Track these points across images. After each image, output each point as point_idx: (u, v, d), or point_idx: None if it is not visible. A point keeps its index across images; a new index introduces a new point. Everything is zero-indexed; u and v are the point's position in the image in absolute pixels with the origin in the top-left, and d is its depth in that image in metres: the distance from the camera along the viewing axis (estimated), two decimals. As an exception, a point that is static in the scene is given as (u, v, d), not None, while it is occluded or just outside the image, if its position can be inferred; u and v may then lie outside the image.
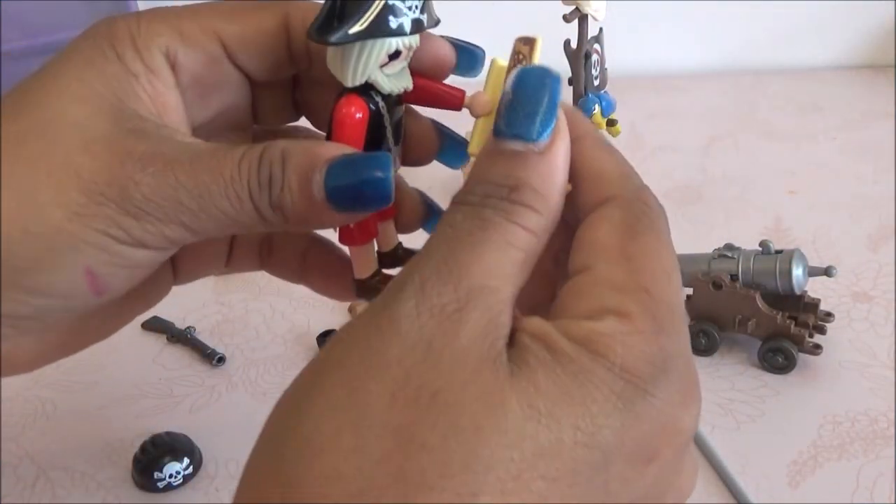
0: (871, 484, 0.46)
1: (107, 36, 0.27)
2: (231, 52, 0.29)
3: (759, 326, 0.53)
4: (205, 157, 0.26)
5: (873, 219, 0.70)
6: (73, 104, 0.26)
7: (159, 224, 0.26)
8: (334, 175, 0.26)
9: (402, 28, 0.27)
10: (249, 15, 0.29)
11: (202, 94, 0.30)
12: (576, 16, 0.57)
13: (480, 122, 0.31)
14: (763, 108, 0.91)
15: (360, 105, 0.28)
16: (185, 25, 0.28)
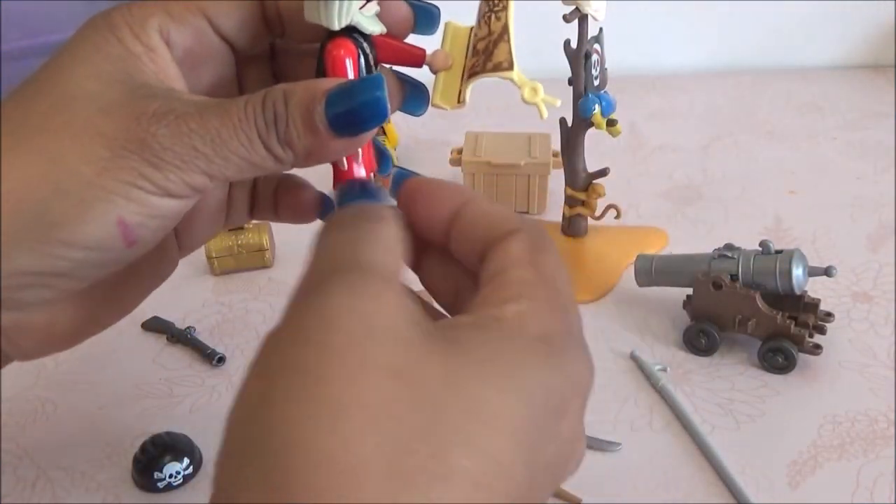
0: (871, 484, 0.46)
1: (105, 25, 0.29)
2: (215, 24, 0.32)
3: (759, 326, 0.53)
4: (212, 107, 0.28)
5: (873, 219, 0.70)
6: (87, 80, 0.28)
7: (179, 171, 0.27)
8: (333, 103, 0.28)
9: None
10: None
11: (193, 67, 0.32)
12: (576, 16, 0.57)
13: (441, 76, 0.34)
14: (763, 108, 0.91)
15: (349, 47, 0.30)
16: (171, 6, 0.31)
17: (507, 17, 0.33)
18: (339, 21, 0.29)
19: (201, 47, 0.32)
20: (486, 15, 0.34)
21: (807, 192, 0.74)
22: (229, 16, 0.32)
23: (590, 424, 0.50)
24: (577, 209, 0.65)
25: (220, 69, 0.33)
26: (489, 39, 0.33)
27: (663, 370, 0.54)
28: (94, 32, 0.29)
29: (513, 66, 0.32)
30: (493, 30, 0.33)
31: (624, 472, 0.47)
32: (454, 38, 0.35)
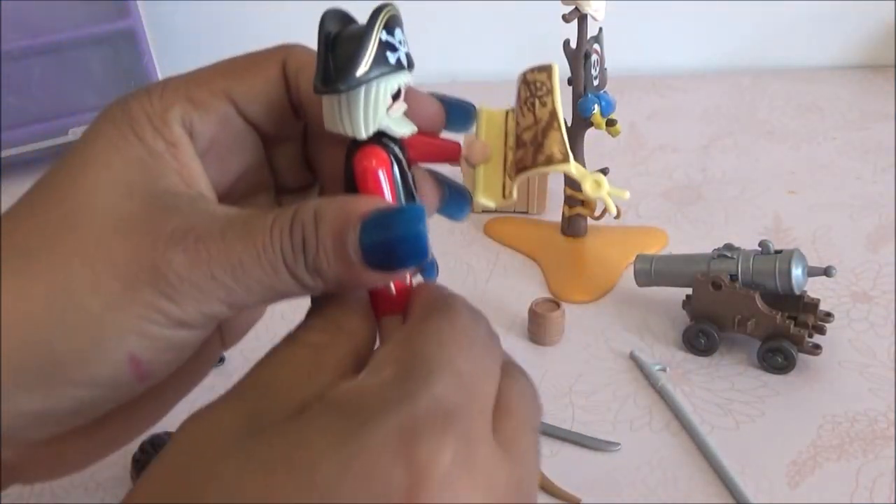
0: (871, 484, 0.46)
1: (124, 120, 0.27)
2: (241, 108, 0.29)
3: (759, 326, 0.53)
4: (237, 227, 0.25)
5: (873, 219, 0.70)
6: (102, 191, 0.26)
7: (196, 303, 0.25)
8: (369, 232, 0.25)
9: (400, 63, 0.27)
10: (253, 68, 0.30)
11: (220, 158, 0.29)
12: (575, 16, 0.57)
13: (480, 170, 0.31)
14: (763, 108, 0.91)
15: (381, 156, 0.27)
16: (194, 92, 0.28)
17: (554, 101, 0.30)
18: (365, 129, 0.26)
19: (227, 135, 0.29)
20: (527, 101, 0.31)
21: (806, 192, 0.74)
22: (256, 99, 0.29)
23: (589, 424, 0.50)
24: (576, 209, 0.65)
25: (248, 155, 0.31)
26: (536, 129, 0.30)
27: (663, 370, 0.54)
28: (112, 128, 0.27)
29: (567, 157, 0.29)
30: (540, 117, 0.30)
31: (623, 472, 0.47)
32: (489, 124, 0.31)
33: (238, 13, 1.00)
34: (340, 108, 0.26)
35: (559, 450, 0.49)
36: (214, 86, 0.29)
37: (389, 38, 0.26)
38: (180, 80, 0.29)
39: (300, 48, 0.30)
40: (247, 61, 0.30)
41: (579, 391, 0.53)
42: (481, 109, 0.32)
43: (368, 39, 0.26)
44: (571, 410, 0.51)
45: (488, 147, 0.31)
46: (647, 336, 0.57)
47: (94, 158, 0.27)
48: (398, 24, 0.27)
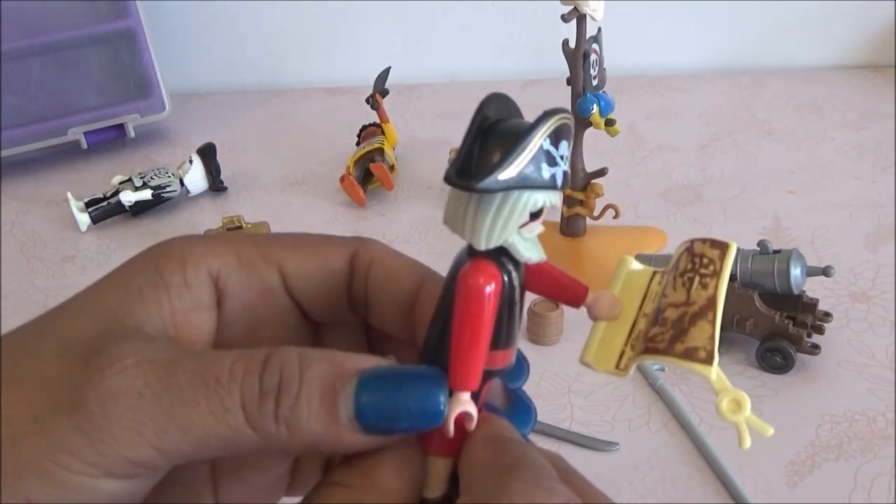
0: (870, 484, 0.46)
1: (158, 251, 0.26)
2: (290, 284, 0.26)
3: (758, 326, 0.53)
4: (189, 357, 0.22)
5: (872, 219, 0.70)
6: (72, 316, 0.24)
7: (116, 443, 0.21)
8: (369, 389, 0.22)
9: (554, 179, 0.22)
10: (315, 247, 0.27)
11: (253, 326, 0.27)
12: (574, 16, 0.57)
13: (601, 326, 0.27)
14: (762, 108, 0.91)
15: (492, 274, 0.23)
16: (245, 250, 0.26)
17: (718, 288, 0.24)
18: (486, 241, 0.22)
19: (266, 305, 0.26)
20: (685, 274, 0.26)
21: (805, 192, 0.74)
22: (310, 280, 0.26)
23: (588, 424, 0.50)
24: (575, 209, 0.65)
25: (286, 332, 0.27)
26: (686, 310, 0.25)
27: (661, 370, 0.54)
28: (142, 259, 0.25)
29: (712, 358, 0.24)
30: (694, 299, 0.25)
31: (622, 471, 0.47)
32: (629, 281, 0.27)
33: (238, 13, 1.00)
34: (468, 207, 0.22)
35: (557, 450, 0.49)
36: (268, 251, 0.26)
37: (552, 147, 0.22)
38: (238, 237, 0.27)
39: (379, 244, 0.27)
40: (314, 238, 0.28)
41: (578, 391, 0.53)
42: (624, 260, 0.27)
43: (528, 142, 0.21)
44: (570, 410, 0.51)
45: (619, 305, 0.26)
46: (646, 336, 0.57)
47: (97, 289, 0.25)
48: (567, 137, 0.23)
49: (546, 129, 0.22)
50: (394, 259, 0.27)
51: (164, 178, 0.76)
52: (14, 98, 0.83)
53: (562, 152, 0.23)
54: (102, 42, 0.85)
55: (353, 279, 0.27)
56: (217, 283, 0.26)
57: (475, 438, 0.24)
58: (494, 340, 0.24)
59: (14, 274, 0.69)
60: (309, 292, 0.26)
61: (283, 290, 0.26)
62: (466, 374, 0.23)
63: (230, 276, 0.26)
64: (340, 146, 0.84)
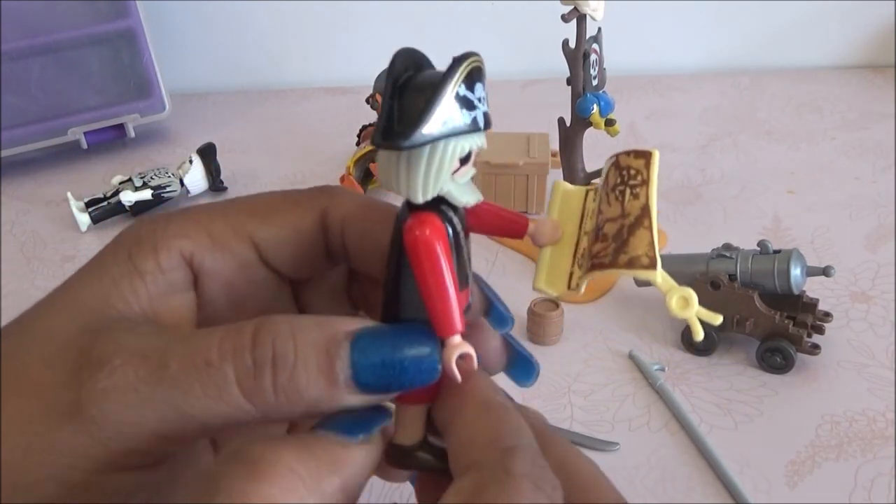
0: (870, 484, 0.46)
1: (129, 239, 0.26)
2: (264, 255, 0.27)
3: (758, 326, 0.53)
4: (176, 344, 0.22)
5: (872, 219, 0.70)
6: (52, 315, 0.24)
7: (123, 437, 0.21)
8: (363, 350, 0.22)
9: (476, 123, 0.23)
10: (285, 213, 0.27)
11: (234, 300, 0.27)
12: (574, 16, 0.57)
13: (546, 251, 0.27)
14: (762, 108, 0.91)
15: (435, 225, 0.23)
16: (216, 227, 0.26)
17: (649, 195, 0.26)
18: (423, 193, 0.23)
19: (245, 280, 0.27)
20: (616, 188, 0.26)
21: (805, 192, 0.74)
22: (284, 247, 0.27)
23: (588, 424, 0.50)
24: (575, 209, 0.65)
25: (269, 299, 0.28)
26: (622, 222, 0.25)
27: (661, 370, 0.54)
28: (112, 247, 0.25)
29: (655, 263, 0.25)
30: (629, 210, 0.26)
31: (622, 471, 0.47)
32: (564, 202, 0.27)
33: (238, 13, 1.00)
34: (399, 164, 0.23)
35: (558, 449, 0.49)
36: (239, 225, 0.26)
37: (468, 93, 0.23)
38: (206, 210, 0.27)
39: (346, 195, 0.28)
40: (281, 202, 0.28)
41: (578, 391, 0.53)
42: (557, 185, 0.28)
43: (443, 91, 0.22)
44: (570, 410, 0.51)
45: (559, 228, 0.27)
46: (646, 336, 0.57)
47: (72, 283, 0.25)
48: (481, 79, 0.24)
49: (458, 76, 0.23)
50: (366, 212, 0.27)
51: (164, 178, 0.76)
52: (14, 98, 0.83)
53: (478, 94, 0.23)
54: (102, 42, 0.85)
55: (329, 237, 0.27)
56: (191, 263, 0.26)
57: (467, 402, 0.24)
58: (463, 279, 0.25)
59: (14, 274, 0.69)
60: (284, 258, 0.27)
61: (258, 261, 0.27)
62: (447, 318, 0.24)
63: (204, 256, 0.26)
64: (340, 146, 0.84)
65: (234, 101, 0.99)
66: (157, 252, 0.25)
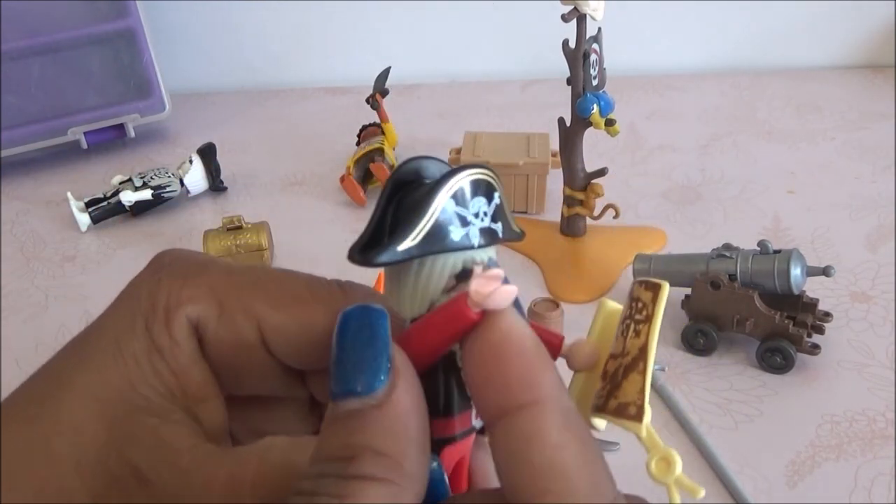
0: (870, 483, 0.46)
1: (145, 307, 0.25)
2: (268, 341, 0.26)
3: (758, 326, 0.53)
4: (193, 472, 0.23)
5: (872, 219, 0.70)
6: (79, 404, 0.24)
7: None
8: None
9: (465, 240, 0.22)
10: (298, 305, 0.26)
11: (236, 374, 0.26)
12: (574, 16, 0.57)
13: (581, 377, 0.25)
14: (762, 108, 0.91)
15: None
16: (228, 298, 0.25)
17: (649, 335, 0.23)
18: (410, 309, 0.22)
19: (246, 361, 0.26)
20: (625, 322, 0.24)
21: (805, 192, 0.74)
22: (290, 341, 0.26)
23: (588, 424, 0.50)
24: (575, 209, 0.65)
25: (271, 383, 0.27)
26: (621, 362, 0.24)
27: (661, 370, 0.54)
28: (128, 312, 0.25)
29: (641, 414, 0.23)
30: (628, 349, 0.24)
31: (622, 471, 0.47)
32: (607, 322, 0.25)
33: (238, 13, 1.00)
34: (391, 280, 0.22)
35: (558, 449, 0.49)
36: (249, 303, 0.25)
37: (460, 209, 0.21)
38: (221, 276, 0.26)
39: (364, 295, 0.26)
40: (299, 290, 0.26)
41: (578, 391, 0.53)
42: (603, 304, 0.25)
43: (426, 210, 0.21)
44: (570, 410, 0.51)
45: (597, 353, 0.25)
46: (646, 336, 0.57)
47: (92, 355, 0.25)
48: (483, 192, 0.22)
49: (447, 193, 0.21)
50: None
51: (164, 178, 0.76)
52: (14, 98, 0.83)
53: (475, 210, 0.22)
54: (102, 42, 0.85)
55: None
56: (197, 329, 0.25)
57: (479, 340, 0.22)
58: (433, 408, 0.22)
59: (14, 274, 0.69)
60: (287, 349, 0.26)
61: (260, 345, 0.26)
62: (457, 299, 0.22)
63: (208, 326, 0.25)
64: (340, 146, 0.84)
65: (234, 101, 0.99)
66: (168, 322, 0.25)
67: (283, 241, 0.69)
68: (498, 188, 0.22)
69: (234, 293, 0.26)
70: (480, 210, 0.22)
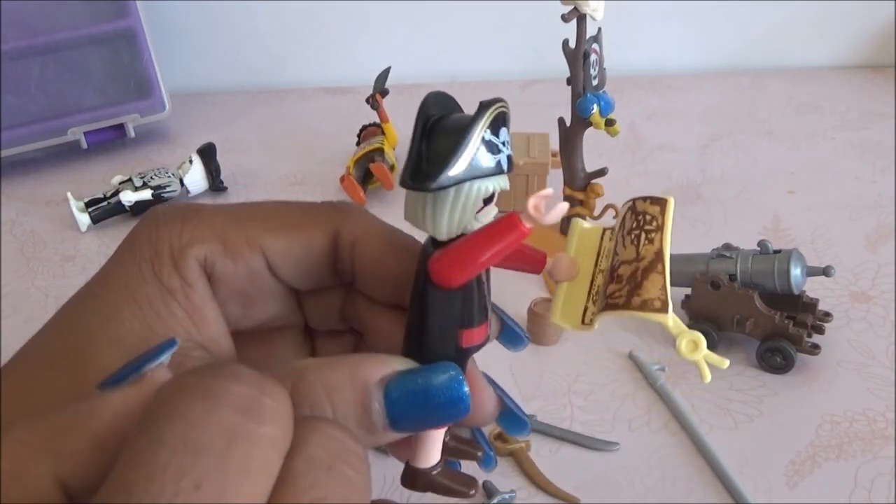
0: (870, 483, 0.46)
1: (148, 251, 0.26)
2: (273, 266, 0.28)
3: (758, 326, 0.53)
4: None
5: (872, 219, 0.70)
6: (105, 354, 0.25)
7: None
8: (395, 398, 0.23)
9: (500, 166, 0.24)
10: (297, 228, 0.28)
11: (244, 304, 0.28)
12: (574, 15, 0.57)
13: (563, 287, 0.28)
14: (762, 108, 0.91)
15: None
16: (229, 234, 0.27)
17: (663, 240, 0.26)
18: (448, 230, 0.24)
19: (253, 286, 0.28)
20: (632, 232, 0.27)
21: (805, 192, 0.74)
22: (293, 261, 0.28)
23: (588, 424, 0.50)
24: (575, 209, 0.65)
25: (275, 305, 0.29)
26: (637, 265, 0.26)
27: (661, 370, 0.54)
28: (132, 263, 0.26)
29: (667, 307, 0.25)
30: (643, 254, 0.26)
31: (622, 471, 0.47)
32: (581, 239, 0.28)
33: (238, 13, 1.00)
34: (425, 203, 0.24)
35: (558, 450, 0.49)
36: (251, 234, 0.27)
37: (493, 137, 0.24)
38: (221, 213, 0.27)
39: (360, 217, 0.29)
40: (295, 215, 0.28)
41: (578, 391, 0.53)
42: (575, 223, 0.29)
43: (470, 136, 0.23)
44: (570, 410, 0.51)
45: (576, 265, 0.28)
46: (646, 336, 0.57)
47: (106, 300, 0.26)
48: (505, 123, 0.25)
49: (485, 122, 0.24)
50: (378, 239, 0.28)
51: (164, 178, 0.76)
52: (14, 98, 0.83)
53: (502, 139, 0.24)
54: (102, 42, 0.85)
55: (338, 257, 0.28)
56: (205, 268, 0.27)
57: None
58: (468, 319, 0.25)
59: (14, 274, 0.69)
60: (292, 271, 0.28)
61: (267, 271, 0.28)
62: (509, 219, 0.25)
63: (216, 263, 0.27)
64: (340, 146, 0.84)
65: (234, 101, 0.99)
66: (177, 265, 0.26)
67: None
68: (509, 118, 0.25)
69: (235, 227, 0.27)
70: (505, 138, 0.24)
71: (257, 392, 0.18)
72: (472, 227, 0.24)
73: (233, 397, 0.18)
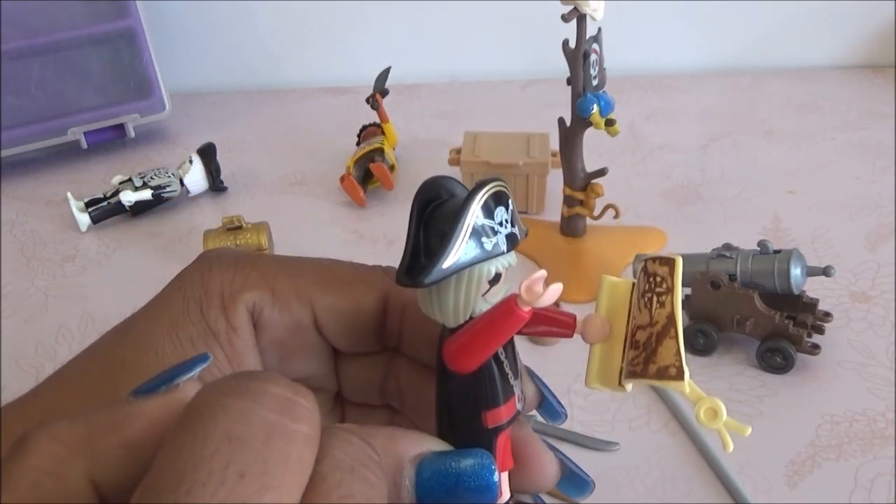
0: (870, 483, 0.46)
1: (198, 291, 0.26)
2: (320, 321, 0.28)
3: (758, 326, 0.53)
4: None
5: (872, 219, 0.70)
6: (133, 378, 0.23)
7: None
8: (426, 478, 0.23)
9: (497, 248, 0.24)
10: (348, 287, 0.28)
11: (282, 356, 0.28)
12: (574, 15, 0.57)
13: (596, 349, 0.27)
14: (762, 108, 0.91)
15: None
16: (280, 284, 0.27)
17: (673, 303, 0.25)
18: (454, 318, 0.24)
19: (296, 341, 0.28)
20: (645, 295, 0.26)
21: (805, 192, 0.74)
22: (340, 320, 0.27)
23: (588, 424, 0.50)
24: (575, 209, 0.65)
25: (313, 363, 0.29)
26: (651, 331, 0.26)
27: (662, 370, 0.54)
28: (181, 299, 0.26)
29: (682, 373, 0.25)
30: (656, 318, 0.26)
31: (622, 471, 0.47)
32: (612, 296, 0.27)
33: (238, 13, 1.00)
34: (431, 294, 0.24)
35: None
36: (302, 287, 0.27)
37: (488, 220, 0.24)
38: (273, 263, 0.28)
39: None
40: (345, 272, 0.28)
41: (578, 391, 0.53)
42: (604, 279, 0.28)
43: (460, 226, 0.23)
44: (570, 410, 0.51)
45: (608, 325, 0.27)
46: (646, 336, 0.57)
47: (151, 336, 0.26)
48: (502, 202, 0.24)
49: (475, 209, 0.23)
50: None
51: (164, 177, 0.76)
52: (14, 98, 0.83)
53: (499, 219, 0.24)
54: (102, 42, 0.85)
55: (387, 320, 0.28)
56: (253, 315, 0.27)
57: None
58: (492, 400, 0.25)
59: (14, 274, 0.69)
60: (338, 329, 0.28)
61: (312, 327, 0.27)
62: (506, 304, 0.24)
63: (263, 311, 0.27)
64: (340, 146, 0.84)
65: (234, 101, 0.99)
66: (226, 309, 0.26)
67: (283, 241, 0.69)
68: (510, 195, 0.25)
69: (286, 279, 0.27)
70: (503, 218, 0.24)
71: (292, 393, 0.19)
72: (482, 308, 0.24)
73: (270, 397, 0.19)
